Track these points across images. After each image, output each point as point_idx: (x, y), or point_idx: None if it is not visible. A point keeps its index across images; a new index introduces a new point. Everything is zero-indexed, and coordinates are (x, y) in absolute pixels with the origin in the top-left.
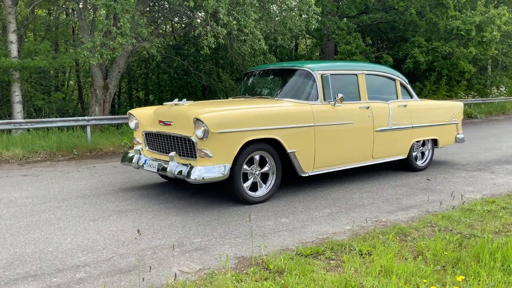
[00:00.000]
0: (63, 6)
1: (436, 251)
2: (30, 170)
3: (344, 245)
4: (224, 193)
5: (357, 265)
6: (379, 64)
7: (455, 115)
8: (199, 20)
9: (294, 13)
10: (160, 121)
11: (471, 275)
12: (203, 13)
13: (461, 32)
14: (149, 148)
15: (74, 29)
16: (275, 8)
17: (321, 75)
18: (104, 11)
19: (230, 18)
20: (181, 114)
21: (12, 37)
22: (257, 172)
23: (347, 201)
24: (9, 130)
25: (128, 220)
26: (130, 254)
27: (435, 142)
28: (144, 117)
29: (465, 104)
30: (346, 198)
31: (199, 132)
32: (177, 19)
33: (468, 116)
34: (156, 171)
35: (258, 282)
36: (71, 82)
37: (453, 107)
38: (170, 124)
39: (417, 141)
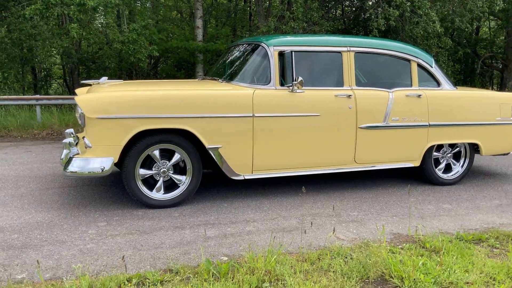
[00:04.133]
0: None
1: None
2: None
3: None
4: (384, 173)
5: None
6: (386, 39)
7: None
8: (370, 3)
9: None
10: None
11: None
12: None
13: None
14: None
15: (251, 15)
16: None
17: (279, 52)
18: None
19: (404, 0)
20: None
21: (199, 22)
22: (162, 170)
23: None
24: None
25: (290, 187)
26: (292, 217)
27: (476, 147)
28: None
29: None
30: None
31: (78, 117)
32: (347, 2)
33: None
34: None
35: (413, 256)
36: None
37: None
38: None
39: (440, 145)
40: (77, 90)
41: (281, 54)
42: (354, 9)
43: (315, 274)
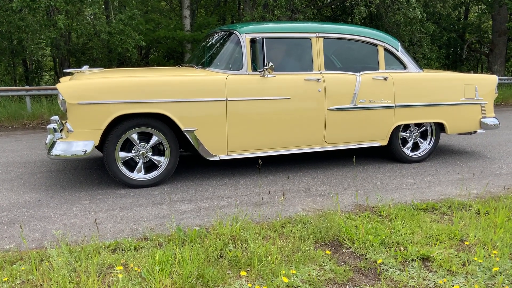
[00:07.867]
0: None
1: None
2: None
3: (463, 205)
4: (357, 152)
5: (467, 220)
6: (354, 25)
7: (480, 93)
8: None
9: None
10: None
11: None
12: None
13: None
14: None
15: (240, 4)
16: None
17: (251, 39)
18: None
19: None
20: None
21: (186, 12)
22: (141, 152)
23: (484, 169)
24: None
25: (266, 167)
26: (264, 193)
27: (441, 126)
28: None
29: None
30: (483, 167)
31: (59, 103)
32: None
33: None
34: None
35: (366, 222)
36: None
37: (477, 82)
38: None
39: (406, 125)
40: (61, 79)
41: (253, 41)
42: None
43: (276, 239)
